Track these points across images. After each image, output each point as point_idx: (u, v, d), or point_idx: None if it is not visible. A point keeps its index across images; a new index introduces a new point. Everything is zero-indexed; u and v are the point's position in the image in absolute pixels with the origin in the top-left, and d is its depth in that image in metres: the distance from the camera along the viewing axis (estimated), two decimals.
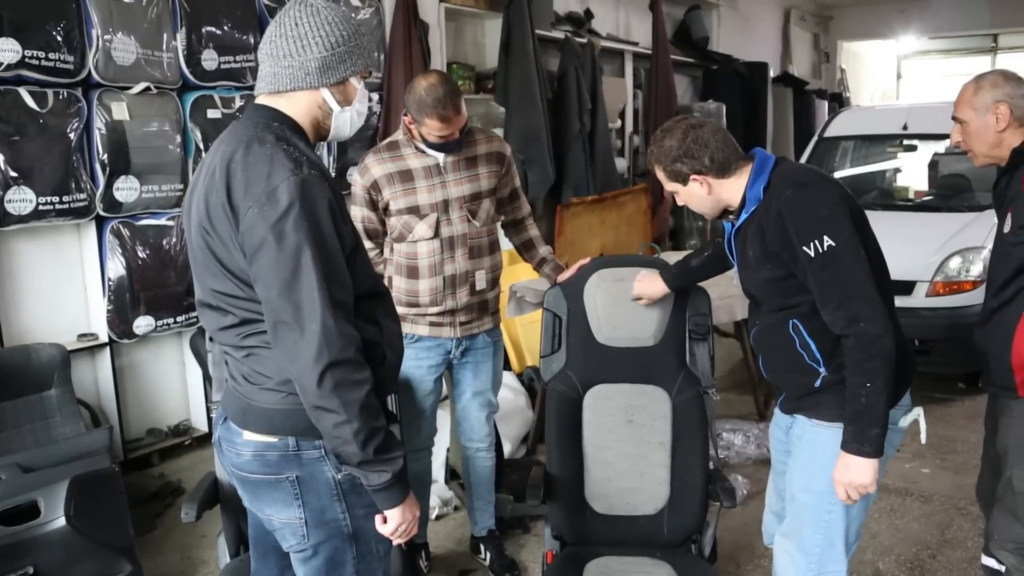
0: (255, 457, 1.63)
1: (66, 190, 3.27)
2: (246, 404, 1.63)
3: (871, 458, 1.85)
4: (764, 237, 1.92)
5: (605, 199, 6.15)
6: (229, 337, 1.62)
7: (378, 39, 4.60)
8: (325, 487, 1.64)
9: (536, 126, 5.39)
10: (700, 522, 2.42)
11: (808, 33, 12.21)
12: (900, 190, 5.96)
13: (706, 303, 2.47)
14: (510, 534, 3.28)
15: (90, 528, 2.39)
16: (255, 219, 1.48)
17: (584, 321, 2.47)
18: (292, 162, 1.50)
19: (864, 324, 1.81)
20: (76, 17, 3.26)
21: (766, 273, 1.97)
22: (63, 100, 3.24)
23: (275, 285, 1.48)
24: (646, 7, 7.27)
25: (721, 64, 8.60)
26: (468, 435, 2.91)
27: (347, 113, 1.68)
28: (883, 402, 1.83)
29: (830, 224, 1.84)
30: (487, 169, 2.67)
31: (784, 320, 1.99)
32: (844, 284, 1.83)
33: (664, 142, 1.98)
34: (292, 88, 1.61)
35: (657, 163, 2.01)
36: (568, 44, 5.93)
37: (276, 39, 1.60)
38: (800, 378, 2.01)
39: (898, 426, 1.99)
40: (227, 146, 1.58)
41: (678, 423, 2.43)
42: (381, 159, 2.60)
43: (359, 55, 1.65)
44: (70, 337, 3.49)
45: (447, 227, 2.61)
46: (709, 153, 1.95)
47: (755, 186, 1.95)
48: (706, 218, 2.12)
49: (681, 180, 1.98)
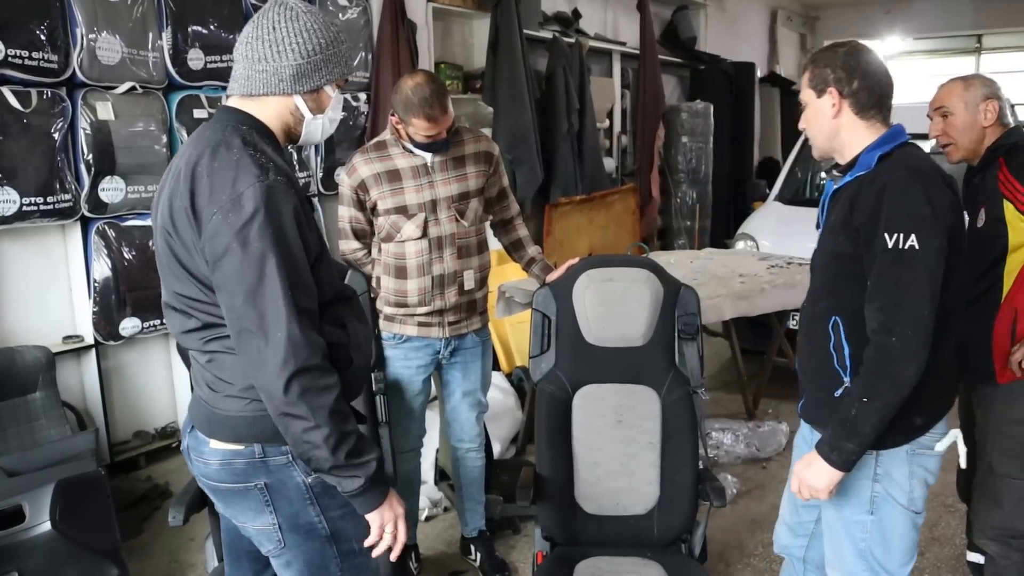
0: (222, 466, 1.61)
1: (50, 191, 3.24)
2: (211, 412, 1.61)
3: (835, 469, 1.77)
4: (853, 206, 1.78)
5: (593, 199, 6.16)
6: (192, 341, 1.61)
7: (365, 39, 4.58)
8: (296, 492, 1.62)
9: (524, 126, 5.38)
10: (690, 522, 2.41)
11: (795, 33, 12.26)
12: None
13: (694, 303, 2.47)
14: (500, 535, 3.27)
15: (76, 532, 2.38)
16: (219, 225, 1.45)
17: (573, 321, 2.46)
18: (258, 168, 1.48)
19: (896, 340, 1.69)
20: (60, 16, 3.23)
21: (836, 245, 1.84)
22: (47, 100, 3.21)
23: (239, 292, 1.45)
24: (634, 7, 7.28)
25: (709, 64, 8.62)
26: (458, 435, 2.90)
27: (319, 120, 1.66)
28: (871, 424, 1.72)
29: (926, 226, 1.68)
30: (475, 169, 2.67)
31: (827, 313, 1.87)
32: (902, 290, 1.69)
33: (836, 47, 1.85)
34: (264, 93, 1.59)
35: (812, 62, 1.87)
36: (556, 44, 5.93)
37: (252, 41, 1.58)
38: (822, 381, 1.91)
39: (934, 451, 1.86)
40: (194, 149, 1.55)
41: (667, 423, 2.43)
42: (368, 159, 2.59)
43: (336, 63, 1.62)
44: (55, 339, 3.46)
45: (435, 227, 2.60)
46: (862, 80, 1.81)
47: (873, 151, 1.81)
48: (814, 153, 1.96)
49: (819, 89, 1.84)
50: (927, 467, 1.86)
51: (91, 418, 3.55)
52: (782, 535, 2.21)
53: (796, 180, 5.76)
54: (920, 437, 1.81)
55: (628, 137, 7.62)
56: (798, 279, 4.00)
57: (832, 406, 1.86)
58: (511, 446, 4.03)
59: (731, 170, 8.43)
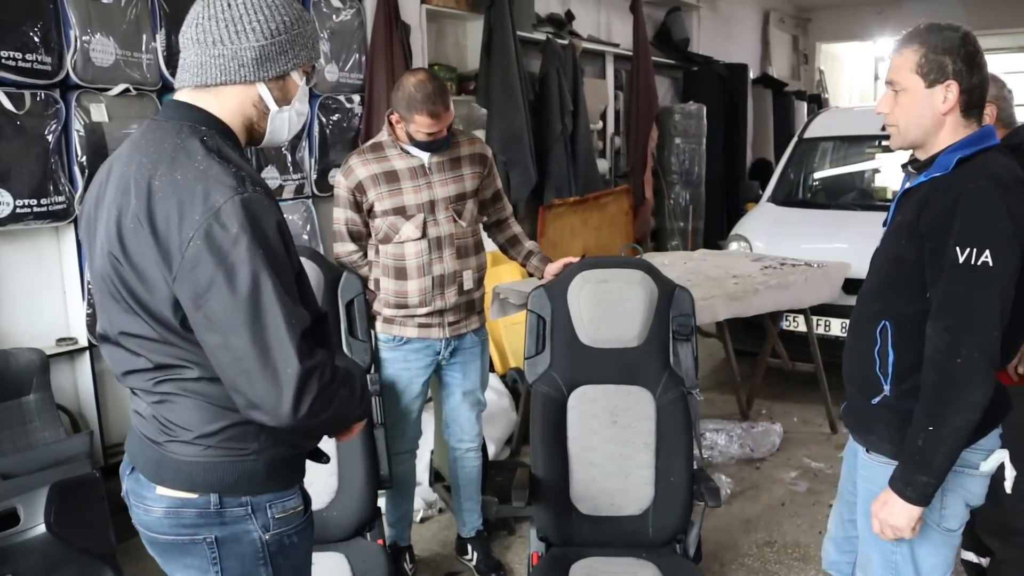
0: (167, 515, 1.41)
1: (44, 192, 3.23)
2: (160, 456, 1.41)
3: (913, 504, 1.66)
4: (922, 211, 1.67)
5: (587, 200, 6.16)
6: (138, 381, 1.41)
7: (359, 40, 4.58)
8: (250, 549, 1.44)
9: (518, 127, 5.39)
10: (685, 522, 2.43)
11: (787, 35, 12.30)
12: (879, 190, 6.01)
13: (689, 304, 2.49)
14: (495, 536, 3.28)
15: (71, 535, 2.37)
16: (199, 254, 1.25)
17: (568, 322, 2.47)
18: (232, 178, 1.28)
19: (962, 363, 1.58)
20: (54, 18, 3.22)
21: (898, 248, 1.73)
22: (41, 102, 3.20)
23: (237, 331, 1.26)
24: (627, 9, 7.29)
25: (701, 66, 8.64)
26: (458, 435, 2.90)
27: (285, 113, 1.46)
28: (942, 453, 1.61)
29: (1002, 241, 1.57)
30: (471, 170, 2.69)
31: (878, 317, 1.78)
32: (972, 310, 1.58)
33: (947, 31, 1.68)
34: (222, 82, 1.38)
35: (922, 43, 1.68)
36: (549, 45, 5.94)
37: (204, 21, 1.37)
38: (863, 385, 1.83)
39: (979, 471, 1.75)
40: (144, 156, 1.34)
41: (662, 423, 2.44)
42: (366, 160, 2.60)
43: (302, 45, 1.42)
44: (48, 341, 3.45)
45: (434, 227, 2.62)
46: (980, 75, 1.68)
47: (954, 152, 1.68)
48: (896, 143, 1.78)
49: (931, 77, 1.67)
50: (967, 487, 1.76)
51: (85, 420, 3.54)
52: (829, 551, 2.14)
53: (789, 181, 5.78)
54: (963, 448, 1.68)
55: (621, 138, 7.63)
56: (791, 280, 4.02)
57: (868, 412, 1.81)
58: (506, 447, 4.04)
59: (724, 171, 8.45)
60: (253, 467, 1.42)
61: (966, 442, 1.64)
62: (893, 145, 1.79)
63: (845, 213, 5.24)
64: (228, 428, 1.40)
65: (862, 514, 1.85)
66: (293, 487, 1.51)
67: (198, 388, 1.38)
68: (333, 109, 4.41)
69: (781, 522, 3.47)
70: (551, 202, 5.81)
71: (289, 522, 1.49)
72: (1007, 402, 1.77)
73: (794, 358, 4.64)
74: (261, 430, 1.41)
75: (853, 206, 5.40)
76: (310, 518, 1.56)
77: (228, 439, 1.40)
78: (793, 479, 3.87)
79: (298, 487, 1.53)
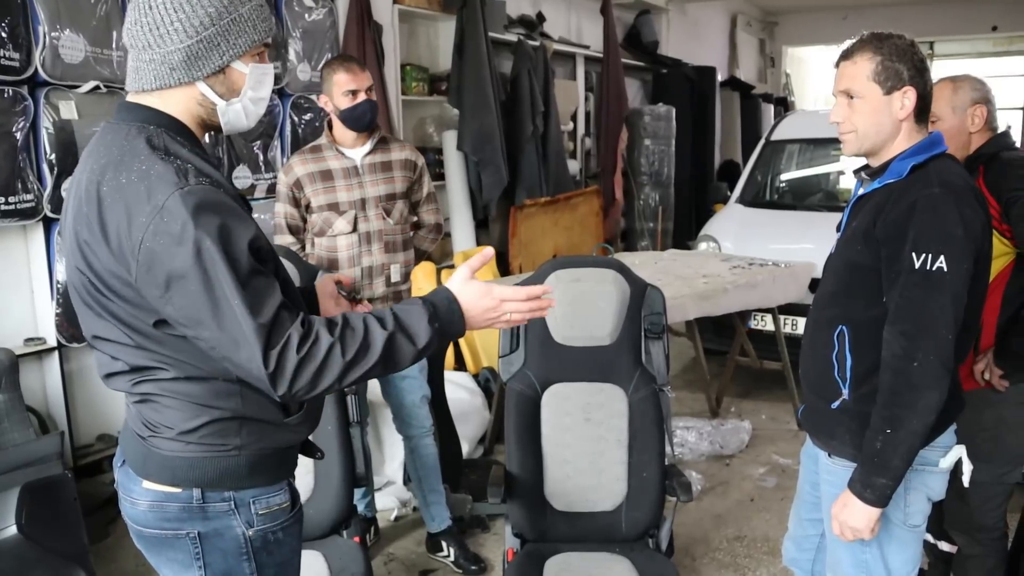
0: (151, 508, 1.43)
1: (12, 191, 3.19)
2: (146, 450, 1.42)
3: (871, 506, 1.69)
4: (877, 217, 1.69)
5: (558, 200, 6.20)
6: (119, 384, 1.43)
7: (332, 40, 4.58)
8: (233, 544, 1.44)
9: (490, 128, 5.41)
10: (657, 517, 2.46)
11: (754, 38, 12.46)
12: (844, 192, 6.11)
13: (660, 302, 2.52)
14: (470, 533, 3.29)
15: (43, 536, 2.35)
16: (151, 255, 1.24)
17: (542, 321, 2.50)
18: (175, 175, 1.26)
19: (918, 366, 1.61)
20: (22, 13, 3.18)
21: (853, 255, 1.76)
22: (8, 99, 3.16)
23: (203, 321, 1.25)
24: (597, 11, 7.35)
25: (670, 68, 8.74)
26: (407, 422, 2.98)
27: (236, 105, 1.41)
28: (900, 455, 1.64)
29: (956, 247, 1.60)
30: (401, 173, 2.89)
31: (834, 321, 1.81)
32: (927, 314, 1.61)
33: (898, 40, 1.71)
34: (159, 86, 1.35)
35: (875, 51, 1.70)
36: (521, 47, 5.97)
37: (131, 27, 1.33)
38: (821, 391, 1.86)
39: (939, 468, 1.78)
40: (95, 161, 1.32)
41: (634, 421, 2.48)
42: (304, 159, 2.83)
43: (238, 33, 1.35)
44: (17, 341, 3.40)
45: (364, 223, 2.82)
46: (930, 82, 1.71)
47: (907, 159, 1.71)
48: (849, 149, 1.80)
49: (889, 84, 1.70)
50: (928, 484, 1.79)
51: (54, 421, 3.50)
52: (789, 548, 2.18)
53: (756, 183, 5.87)
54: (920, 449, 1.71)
55: (592, 139, 7.69)
56: (759, 279, 4.09)
57: (828, 417, 1.84)
58: (479, 446, 4.06)
59: (693, 172, 8.55)
60: (235, 463, 1.42)
61: (923, 443, 1.67)
62: (847, 152, 1.82)
63: (811, 214, 5.33)
64: (208, 424, 1.40)
65: (829, 516, 1.85)
66: (279, 483, 1.50)
67: (175, 388, 1.39)
68: (305, 108, 4.40)
69: (750, 517, 3.53)
70: (523, 203, 5.84)
71: (274, 518, 1.48)
72: (960, 401, 1.81)
73: (762, 356, 4.71)
74: (243, 426, 1.41)
75: (819, 207, 5.49)
76: (298, 514, 1.55)
77: (209, 435, 1.40)
78: (762, 475, 3.94)
79: (285, 483, 1.53)
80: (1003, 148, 2.27)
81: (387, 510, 3.47)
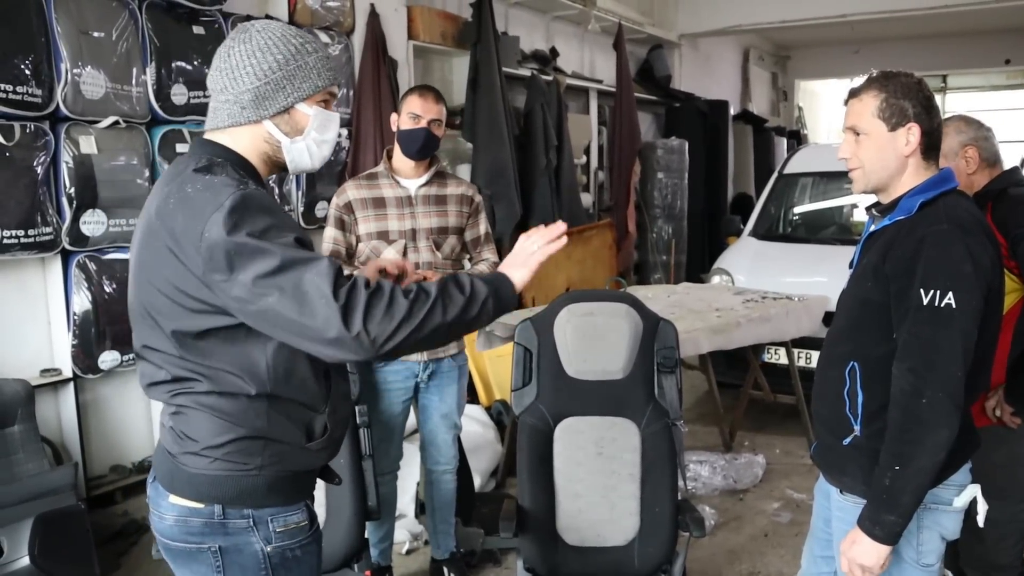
0: (177, 523, 1.51)
1: (32, 224, 3.24)
2: (174, 466, 1.51)
3: (881, 543, 1.67)
4: (887, 253, 1.71)
5: (571, 234, 6.14)
6: (158, 393, 1.52)
7: (347, 75, 4.64)
8: (252, 560, 1.51)
9: (503, 162, 5.45)
10: (670, 552, 2.44)
11: (766, 72, 12.53)
12: (857, 225, 6.11)
13: (673, 336, 2.52)
14: (481, 567, 3.27)
15: (55, 567, 2.36)
16: (212, 246, 1.33)
17: (554, 354, 2.50)
18: (235, 182, 1.40)
19: (927, 403, 1.60)
20: (45, 51, 3.26)
21: (864, 291, 1.77)
22: (30, 133, 3.23)
23: (268, 294, 1.32)
24: (610, 46, 7.42)
25: (683, 102, 8.79)
26: (435, 458, 2.97)
27: (300, 144, 1.54)
28: (909, 492, 1.63)
29: (965, 284, 1.60)
30: (455, 208, 2.86)
31: (846, 358, 1.80)
32: (936, 351, 1.61)
33: (904, 78, 1.73)
34: (230, 124, 1.51)
35: (881, 88, 1.73)
36: (534, 81, 6.04)
37: (213, 72, 1.52)
38: (833, 427, 1.85)
39: (953, 507, 1.76)
40: (164, 184, 1.47)
41: (647, 455, 2.47)
42: (359, 184, 2.82)
43: (303, 78, 1.50)
44: (33, 372, 3.44)
45: (414, 253, 2.77)
46: (937, 119, 1.72)
47: (916, 196, 1.72)
48: (859, 187, 1.82)
49: (894, 121, 1.72)
50: (942, 523, 1.77)
51: (68, 452, 3.52)
52: None
53: (770, 216, 5.87)
54: (933, 488, 1.70)
55: (605, 173, 7.73)
56: (773, 313, 4.07)
57: (840, 454, 1.83)
58: (491, 479, 4.04)
59: (705, 206, 8.57)
60: (254, 482, 1.49)
61: (933, 481, 1.66)
62: (856, 189, 1.83)
63: (825, 247, 5.32)
64: (234, 442, 1.47)
65: (839, 554, 1.82)
66: (297, 504, 1.56)
67: (208, 401, 1.47)
68: None
69: (764, 552, 3.49)
70: None
71: (292, 536, 1.54)
72: (975, 438, 1.79)
73: (776, 390, 4.67)
74: (266, 447, 1.49)
75: (832, 240, 5.49)
76: (316, 534, 1.60)
77: (233, 452, 1.47)
78: (776, 510, 3.89)
79: (303, 503, 1.58)
80: (1012, 184, 2.27)
81: (399, 543, 3.45)
